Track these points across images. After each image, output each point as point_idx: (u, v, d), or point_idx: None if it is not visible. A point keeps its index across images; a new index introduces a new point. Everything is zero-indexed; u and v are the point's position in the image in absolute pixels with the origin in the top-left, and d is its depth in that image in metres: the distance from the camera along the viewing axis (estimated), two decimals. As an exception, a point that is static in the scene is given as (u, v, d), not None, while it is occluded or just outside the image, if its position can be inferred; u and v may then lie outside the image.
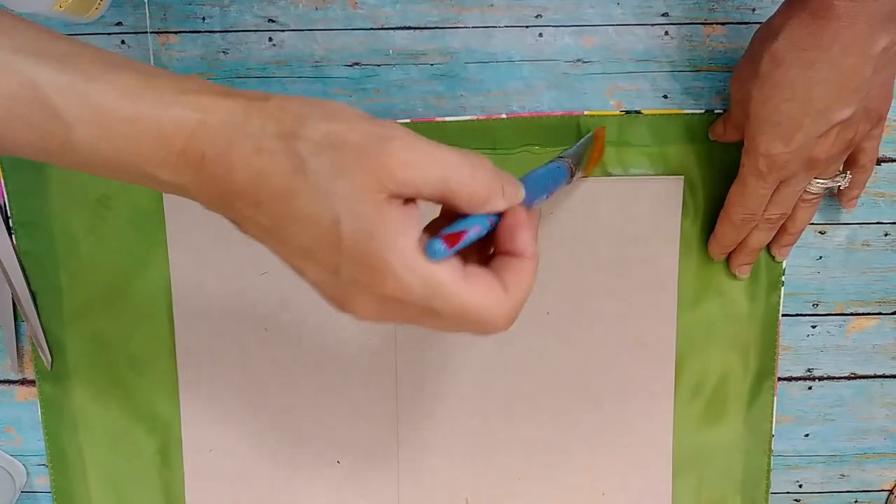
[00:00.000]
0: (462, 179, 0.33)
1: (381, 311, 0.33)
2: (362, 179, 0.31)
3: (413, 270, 0.32)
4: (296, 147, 0.32)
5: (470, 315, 0.33)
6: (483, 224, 0.34)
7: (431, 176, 0.32)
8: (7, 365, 0.55)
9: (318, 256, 0.33)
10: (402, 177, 0.31)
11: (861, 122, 0.46)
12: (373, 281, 0.32)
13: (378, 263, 0.32)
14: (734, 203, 0.50)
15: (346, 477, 0.56)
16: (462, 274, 0.33)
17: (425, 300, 0.32)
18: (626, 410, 0.56)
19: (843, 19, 0.41)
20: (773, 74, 0.44)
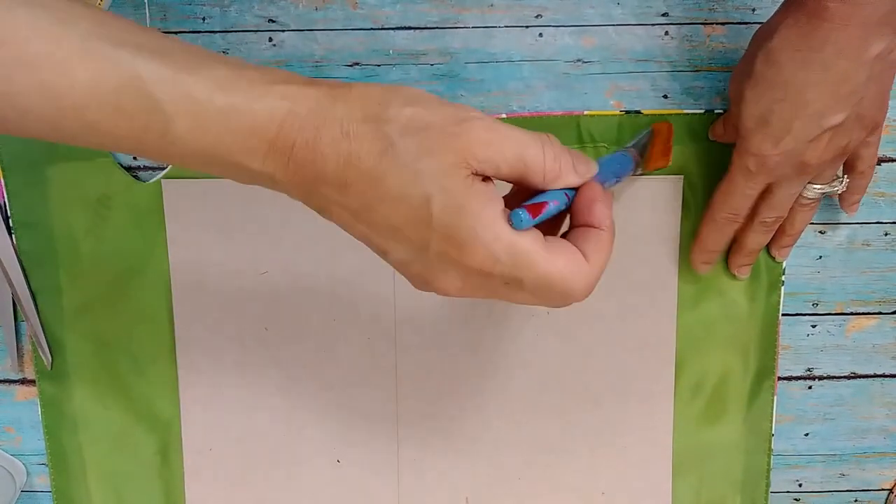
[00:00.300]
0: (537, 156, 0.35)
1: (466, 286, 0.35)
2: (448, 158, 0.33)
3: (500, 240, 0.34)
4: (383, 129, 0.33)
5: (552, 284, 0.35)
6: (560, 199, 0.36)
7: (509, 153, 0.34)
8: (7, 365, 0.55)
9: (406, 234, 0.34)
10: (484, 155, 0.34)
11: (854, 128, 0.45)
12: (461, 253, 0.34)
13: (467, 235, 0.33)
14: (718, 201, 0.50)
15: (346, 477, 0.56)
16: (545, 244, 0.35)
17: (511, 269, 0.34)
18: (626, 410, 0.56)
19: (837, 21, 0.41)
20: (766, 74, 0.44)
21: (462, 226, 0.33)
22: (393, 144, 0.33)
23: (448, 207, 0.33)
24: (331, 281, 0.53)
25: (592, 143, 0.53)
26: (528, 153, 0.35)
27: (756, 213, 0.50)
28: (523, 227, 0.34)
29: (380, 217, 0.34)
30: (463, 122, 0.34)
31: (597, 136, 0.52)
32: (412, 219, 0.34)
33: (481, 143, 0.34)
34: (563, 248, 0.36)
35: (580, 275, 0.35)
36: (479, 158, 0.33)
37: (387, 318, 0.54)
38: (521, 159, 0.34)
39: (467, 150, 0.33)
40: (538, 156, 0.35)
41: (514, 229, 0.34)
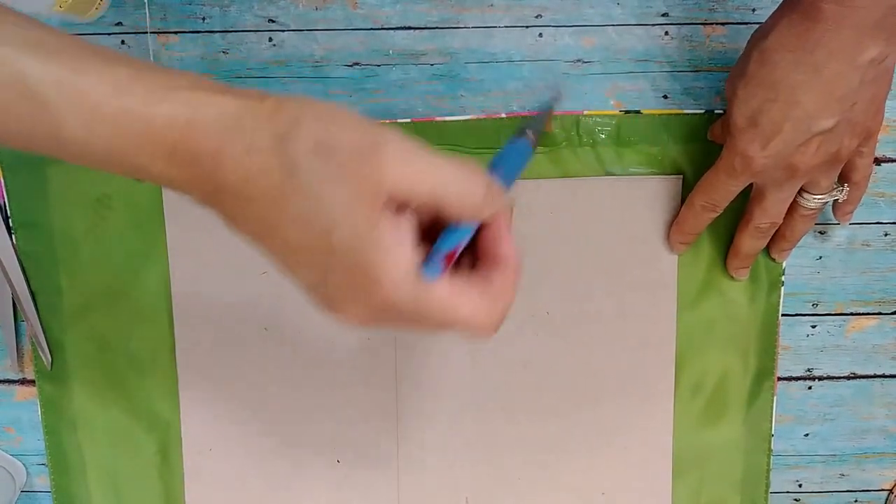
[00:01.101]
0: (452, 191, 0.33)
1: (371, 318, 0.33)
2: (355, 186, 0.31)
3: (404, 285, 0.32)
4: (288, 150, 0.31)
5: (460, 324, 0.34)
6: (469, 233, 0.34)
7: (424, 186, 0.32)
8: (7, 365, 0.55)
9: (308, 258, 0.32)
10: (395, 186, 0.31)
11: (845, 135, 0.45)
12: (364, 289, 0.32)
13: (370, 273, 0.32)
14: (699, 188, 0.50)
15: (346, 477, 0.56)
16: (452, 288, 0.33)
17: (416, 311, 0.33)
18: (626, 410, 0.56)
19: (830, 23, 0.41)
20: (758, 73, 0.44)
21: (364, 263, 0.31)
22: (297, 166, 0.31)
23: (349, 241, 0.31)
24: (331, 281, 0.53)
25: (592, 143, 0.53)
26: (444, 190, 0.32)
27: (750, 218, 0.50)
28: (434, 279, 0.33)
29: (282, 238, 0.32)
30: (376, 147, 0.31)
31: (596, 137, 0.52)
32: (314, 245, 0.32)
33: (394, 174, 0.31)
34: (470, 289, 0.34)
35: (486, 315, 0.34)
36: (390, 189, 0.31)
37: (387, 318, 0.54)
38: (437, 195, 0.32)
39: (377, 180, 0.31)
40: (455, 193, 0.33)
41: (422, 277, 0.32)
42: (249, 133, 0.32)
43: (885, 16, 0.40)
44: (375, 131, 0.32)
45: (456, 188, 0.33)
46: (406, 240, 0.32)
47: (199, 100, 0.32)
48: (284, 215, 0.32)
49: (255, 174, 0.32)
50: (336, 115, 0.32)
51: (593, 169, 0.53)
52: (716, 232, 0.53)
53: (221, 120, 0.32)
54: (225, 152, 0.32)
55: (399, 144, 0.32)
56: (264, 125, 0.32)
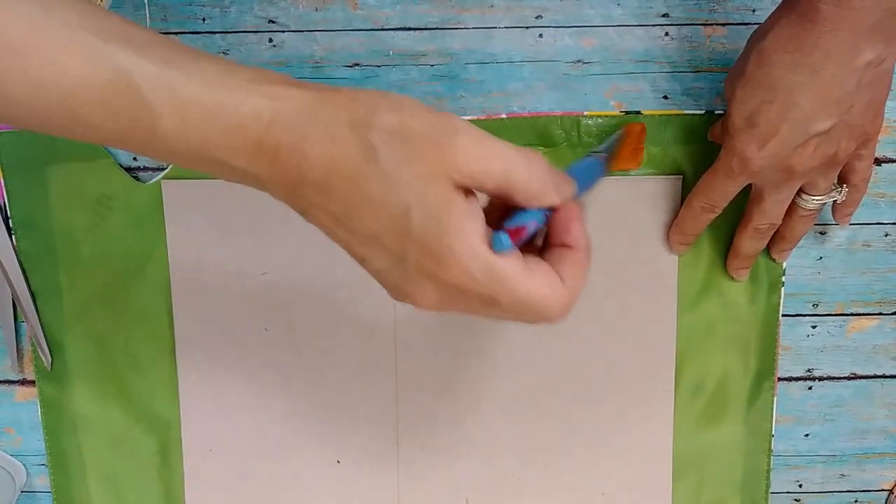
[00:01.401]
0: (522, 174, 0.34)
1: (442, 300, 0.34)
2: (431, 168, 0.32)
3: (478, 259, 0.33)
4: (367, 135, 0.33)
5: (530, 306, 0.34)
6: (539, 219, 0.35)
7: (494, 169, 0.33)
8: (7, 365, 0.55)
9: (385, 242, 0.34)
10: (468, 168, 0.33)
11: (843, 138, 0.45)
12: (438, 268, 0.33)
13: (445, 250, 0.33)
14: (698, 189, 0.50)
15: (346, 477, 0.56)
16: (524, 266, 0.34)
17: (488, 289, 0.33)
18: (626, 410, 0.56)
19: (828, 24, 0.41)
20: (756, 74, 0.44)
21: (440, 240, 0.33)
22: (376, 151, 0.32)
23: (427, 220, 0.33)
24: (331, 281, 0.53)
25: (592, 143, 0.52)
26: (514, 172, 0.34)
27: (749, 219, 0.50)
28: (503, 251, 0.33)
29: (360, 223, 0.34)
30: (449, 133, 0.33)
31: (597, 138, 0.52)
32: (391, 228, 0.33)
33: (467, 156, 0.33)
34: (540, 270, 0.35)
35: (557, 297, 0.35)
36: (462, 172, 0.33)
37: (387, 318, 0.54)
38: (507, 177, 0.34)
39: (451, 162, 0.33)
40: (524, 176, 0.34)
41: (493, 251, 0.33)
42: (330, 122, 0.33)
43: (882, 18, 0.40)
44: (448, 119, 0.34)
45: (523, 172, 0.34)
46: (478, 218, 0.33)
47: (282, 93, 0.33)
48: (362, 200, 0.33)
49: (336, 160, 0.33)
50: (410, 104, 0.34)
51: (593, 169, 0.53)
52: (716, 232, 0.53)
53: (304, 111, 0.33)
54: (308, 141, 0.33)
55: (470, 131, 0.33)
56: (343, 114, 0.33)
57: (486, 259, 0.33)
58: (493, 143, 0.34)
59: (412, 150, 0.33)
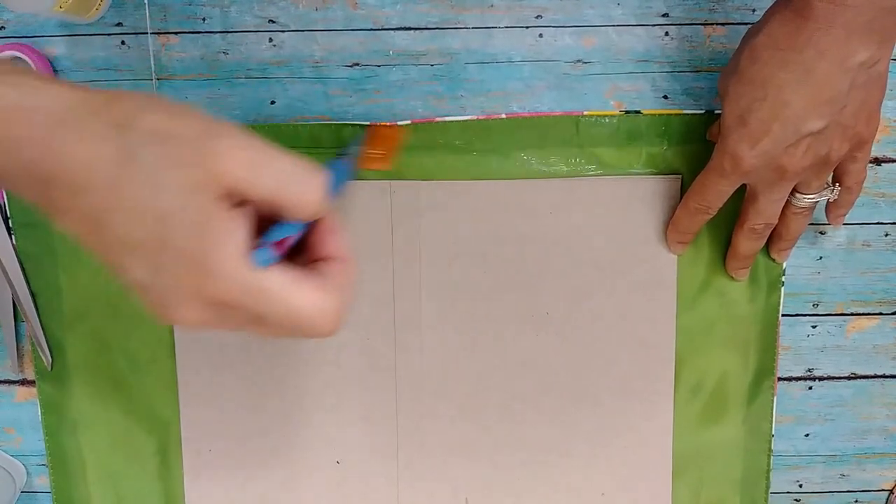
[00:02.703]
0: (296, 188, 0.32)
1: (206, 317, 0.33)
2: (193, 175, 0.30)
3: (239, 275, 0.31)
4: (126, 136, 0.31)
5: (300, 319, 0.33)
6: (300, 230, 0.34)
7: (267, 180, 0.31)
8: (7, 365, 0.55)
9: (141, 252, 0.31)
10: (237, 177, 0.31)
11: (836, 139, 0.45)
12: (197, 282, 0.31)
13: (204, 264, 0.31)
14: (693, 190, 0.50)
15: (346, 477, 0.56)
16: (289, 278, 0.33)
17: (253, 305, 0.32)
18: (625, 410, 0.56)
19: (821, 21, 0.41)
20: (749, 70, 0.44)
21: (201, 252, 0.31)
22: (135, 153, 0.30)
23: (187, 229, 0.30)
24: (331, 281, 0.53)
25: (592, 143, 0.53)
26: (290, 186, 0.32)
27: (745, 219, 0.50)
28: (266, 265, 0.32)
29: (115, 230, 0.31)
30: (217, 138, 0.31)
31: (597, 137, 0.53)
32: (150, 236, 0.31)
33: (234, 163, 0.31)
34: (308, 282, 0.33)
35: (327, 309, 0.33)
36: (228, 180, 0.31)
37: (387, 318, 0.54)
38: (281, 189, 0.32)
39: (216, 170, 0.30)
40: (299, 192, 0.32)
41: (252, 262, 0.32)
42: (84, 121, 0.31)
43: (875, 18, 0.40)
44: (217, 124, 0.32)
45: (296, 185, 0.32)
46: (240, 231, 0.32)
47: (30, 86, 0.31)
48: (118, 205, 0.31)
49: (90, 162, 0.31)
50: (177, 108, 0.32)
51: (593, 169, 0.53)
52: (715, 232, 0.53)
53: (54, 107, 0.31)
54: (56, 140, 0.31)
55: (240, 139, 0.31)
56: (102, 114, 0.31)
57: (249, 274, 0.31)
58: (267, 152, 0.32)
59: (174, 154, 0.30)
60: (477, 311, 0.54)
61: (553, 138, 0.52)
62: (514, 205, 0.53)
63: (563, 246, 0.53)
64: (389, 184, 0.52)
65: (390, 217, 0.53)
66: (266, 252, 0.32)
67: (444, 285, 0.54)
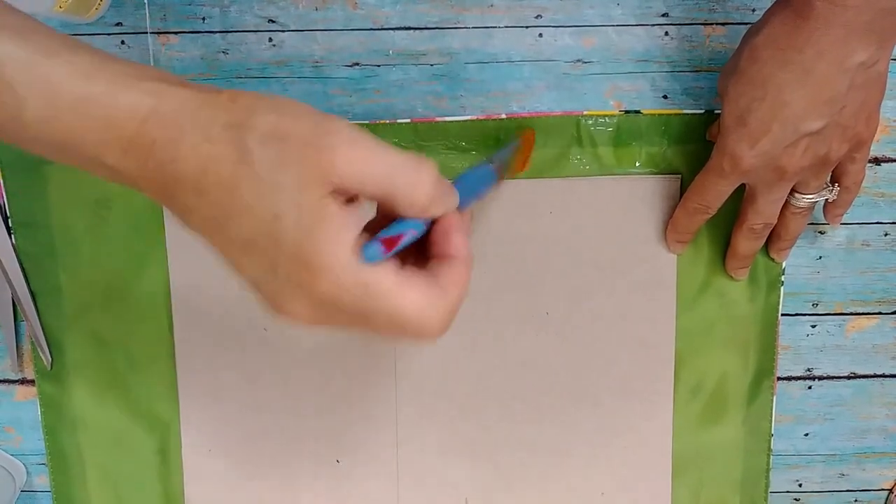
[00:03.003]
0: (407, 182, 0.32)
1: (316, 315, 0.33)
2: (306, 171, 0.31)
3: (348, 271, 0.31)
4: (243, 137, 0.31)
5: (405, 319, 0.33)
6: (419, 228, 0.34)
7: (376, 174, 0.32)
8: (7, 365, 0.55)
9: (257, 250, 0.32)
10: (347, 171, 0.31)
11: (835, 139, 0.45)
12: (308, 279, 0.32)
13: (314, 261, 0.31)
14: (692, 190, 0.50)
15: (346, 477, 0.56)
16: (397, 277, 0.33)
17: (360, 302, 0.32)
18: (625, 410, 0.56)
19: (820, 21, 0.41)
20: (748, 70, 0.44)
21: (310, 249, 0.31)
22: (251, 153, 0.31)
23: (298, 227, 0.31)
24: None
25: (592, 143, 0.53)
26: (398, 179, 0.32)
27: (744, 219, 0.50)
28: (373, 262, 0.32)
29: (234, 229, 0.32)
30: (328, 135, 0.31)
31: (596, 138, 0.53)
32: (263, 234, 0.31)
33: (346, 159, 0.31)
34: (417, 281, 0.33)
35: (434, 310, 0.33)
36: (341, 175, 0.31)
37: (387, 318, 0.54)
38: (390, 183, 0.32)
39: (328, 166, 0.31)
40: (409, 182, 0.32)
41: (365, 262, 0.32)
42: (208, 122, 0.32)
43: (875, 18, 0.40)
44: (328, 121, 0.32)
45: (405, 179, 0.32)
46: (353, 227, 0.32)
47: (162, 90, 0.32)
48: (235, 204, 0.32)
49: (210, 163, 0.32)
50: (289, 106, 0.32)
51: (593, 169, 0.53)
52: (715, 232, 0.53)
53: (182, 109, 0.32)
54: (184, 141, 0.32)
55: (350, 134, 0.32)
56: (221, 115, 0.32)
57: (356, 271, 0.31)
58: (376, 147, 0.32)
59: (288, 153, 0.31)
60: (477, 311, 0.54)
61: (553, 138, 0.52)
62: (514, 205, 0.53)
63: (563, 246, 0.54)
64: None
65: (390, 217, 0.53)
66: (375, 247, 0.32)
67: (444, 285, 0.54)
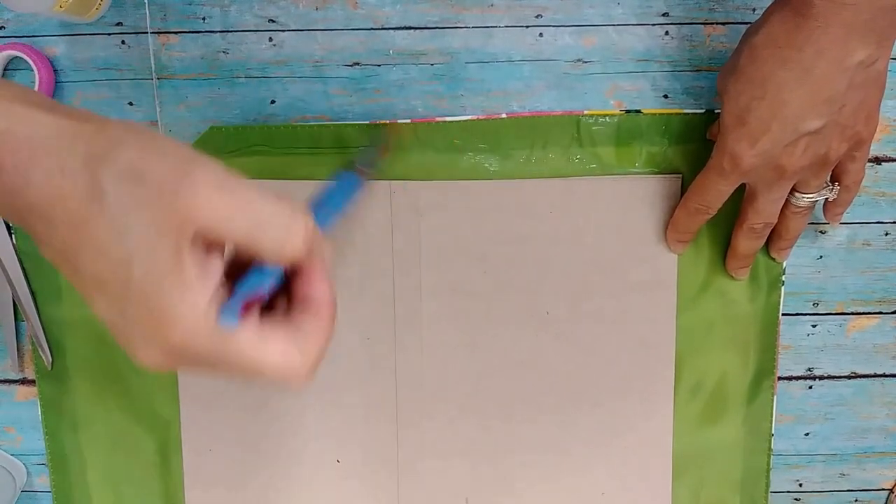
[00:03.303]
0: (277, 236, 0.31)
1: (168, 362, 0.32)
2: (161, 216, 0.29)
3: (202, 328, 0.30)
4: (98, 172, 0.30)
5: (266, 370, 0.32)
6: (279, 275, 0.33)
7: (243, 223, 0.30)
8: (7, 365, 0.55)
9: (107, 290, 0.31)
10: (210, 217, 0.30)
11: (834, 138, 0.45)
12: (158, 329, 0.30)
13: (165, 313, 0.30)
14: (692, 190, 0.50)
15: (346, 477, 0.56)
16: (257, 334, 0.32)
17: (217, 355, 0.31)
18: (625, 410, 0.56)
19: (820, 19, 0.41)
20: (748, 69, 0.44)
21: (162, 301, 0.29)
22: (103, 190, 0.29)
23: (148, 276, 0.29)
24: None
25: (592, 143, 0.53)
26: (268, 231, 0.30)
27: (745, 218, 0.50)
28: (232, 327, 0.31)
29: (83, 265, 0.30)
30: (190, 178, 0.29)
31: (597, 137, 0.52)
32: (112, 276, 0.30)
33: (209, 205, 0.29)
34: (278, 335, 0.32)
35: (296, 360, 0.32)
36: (202, 221, 0.29)
37: (387, 317, 0.54)
38: (258, 234, 0.30)
39: (187, 211, 0.29)
40: (279, 238, 0.31)
41: (220, 324, 0.31)
42: (64, 152, 0.30)
43: (874, 17, 0.40)
44: (193, 162, 0.30)
45: (275, 233, 0.31)
46: (209, 280, 0.30)
47: (17, 114, 0.31)
48: (85, 242, 0.30)
49: (60, 196, 0.30)
50: (157, 142, 0.31)
51: (593, 169, 0.53)
52: (715, 231, 0.53)
53: (37, 136, 0.30)
54: (36, 169, 0.30)
55: (216, 176, 0.30)
56: (81, 146, 0.30)
57: (210, 330, 0.30)
58: (244, 194, 0.30)
59: (144, 194, 0.29)
60: (477, 311, 0.54)
61: (553, 138, 0.52)
62: (514, 205, 0.53)
63: (563, 246, 0.53)
64: (389, 184, 0.52)
65: (390, 217, 0.53)
66: (234, 310, 0.31)
67: (444, 285, 0.54)
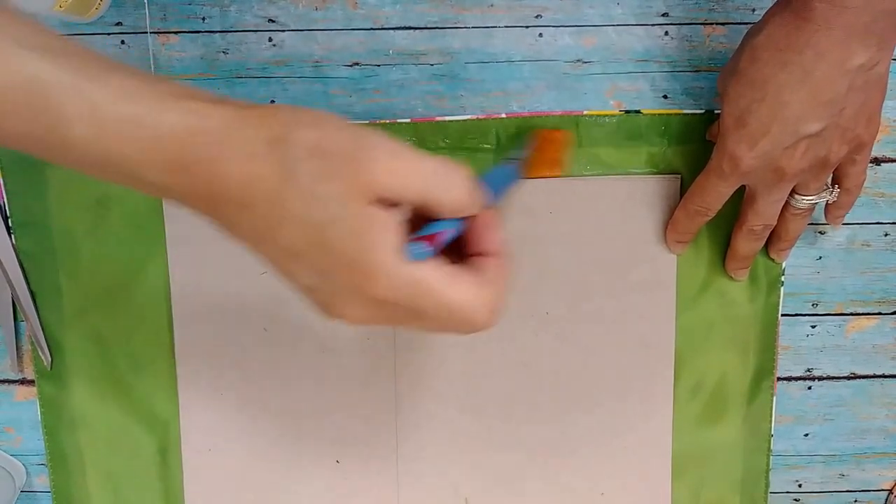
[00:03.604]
0: (443, 187, 0.34)
1: (370, 315, 0.35)
2: (350, 184, 0.32)
3: (398, 270, 0.33)
4: (285, 153, 0.33)
5: (455, 312, 0.34)
6: (456, 227, 0.36)
7: (415, 183, 0.34)
8: (7, 365, 0.55)
9: (309, 259, 0.33)
10: (387, 183, 0.33)
11: (835, 141, 0.45)
12: (361, 283, 0.33)
13: (365, 265, 0.33)
14: (692, 192, 0.50)
15: (346, 477, 0.56)
16: (446, 272, 0.34)
17: (411, 299, 0.34)
18: (625, 410, 0.56)
19: (820, 22, 0.41)
20: (748, 71, 0.44)
21: (360, 254, 0.33)
22: (295, 168, 0.33)
23: (345, 235, 0.33)
24: (331, 281, 0.53)
25: (592, 143, 0.53)
26: (435, 185, 0.34)
27: (744, 220, 0.50)
28: (420, 259, 0.34)
29: (282, 240, 0.33)
30: (367, 149, 0.33)
31: (597, 137, 0.53)
32: (313, 244, 0.33)
33: (385, 171, 0.33)
34: (463, 275, 0.35)
35: (483, 302, 0.35)
36: (381, 186, 0.33)
37: (387, 318, 0.54)
38: (428, 189, 0.34)
39: (369, 179, 0.33)
40: (445, 189, 0.34)
41: (411, 260, 0.33)
42: (249, 139, 0.33)
43: (875, 20, 0.40)
44: (365, 135, 0.34)
45: (441, 184, 0.34)
46: (394, 231, 0.33)
47: (203, 109, 0.33)
48: (282, 218, 0.33)
49: (254, 179, 0.33)
50: (327, 120, 0.34)
51: (593, 169, 0.53)
52: (715, 232, 0.53)
53: (224, 127, 0.33)
54: (226, 158, 0.33)
55: (388, 146, 0.33)
56: (262, 132, 0.33)
57: (406, 270, 0.33)
58: (411, 158, 0.34)
59: (330, 167, 0.33)
60: (477, 311, 0.54)
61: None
62: (514, 205, 0.53)
63: (563, 246, 0.53)
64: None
65: (390, 217, 0.53)
66: (418, 246, 0.34)
67: (444, 285, 0.54)
